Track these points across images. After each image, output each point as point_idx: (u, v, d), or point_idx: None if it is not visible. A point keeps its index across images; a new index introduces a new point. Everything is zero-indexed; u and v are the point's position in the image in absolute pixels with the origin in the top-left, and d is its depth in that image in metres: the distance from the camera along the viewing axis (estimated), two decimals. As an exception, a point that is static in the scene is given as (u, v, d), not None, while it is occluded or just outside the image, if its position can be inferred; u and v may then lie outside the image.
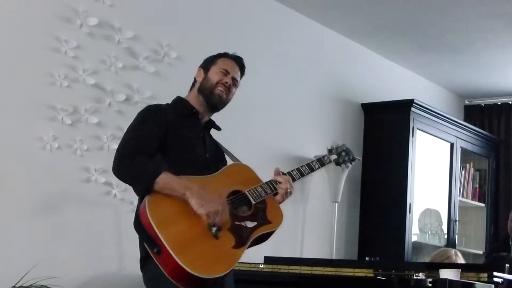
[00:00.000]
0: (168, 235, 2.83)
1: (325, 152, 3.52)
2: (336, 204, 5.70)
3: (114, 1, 4.33)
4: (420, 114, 6.27)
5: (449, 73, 7.05)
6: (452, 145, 6.78)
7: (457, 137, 6.82)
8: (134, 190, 3.15)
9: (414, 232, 6.26)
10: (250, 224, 3.08)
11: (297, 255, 5.54)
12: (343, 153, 3.57)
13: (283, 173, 3.28)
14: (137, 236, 3.10)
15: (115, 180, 4.25)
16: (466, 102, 7.89)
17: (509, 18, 5.55)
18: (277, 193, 3.23)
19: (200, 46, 4.85)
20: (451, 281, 3.58)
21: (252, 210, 3.12)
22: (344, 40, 6.20)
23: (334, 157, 3.54)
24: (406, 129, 6.17)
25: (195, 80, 3.36)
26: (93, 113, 4.21)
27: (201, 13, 4.93)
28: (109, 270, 4.26)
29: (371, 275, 3.80)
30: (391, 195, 6.15)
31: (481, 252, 7.15)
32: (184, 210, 2.93)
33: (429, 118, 6.39)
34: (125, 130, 4.35)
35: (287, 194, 3.25)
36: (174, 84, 4.63)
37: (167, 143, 3.12)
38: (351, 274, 3.93)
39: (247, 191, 3.15)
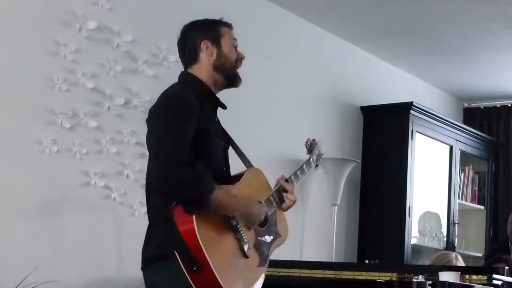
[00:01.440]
0: (214, 256, 2.63)
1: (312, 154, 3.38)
2: (336, 207, 5.70)
3: (113, 5, 4.33)
4: (419, 117, 6.27)
5: (448, 75, 7.06)
6: (451, 148, 6.78)
7: (456, 140, 6.82)
8: (184, 205, 2.70)
9: (413, 235, 6.26)
10: (268, 239, 2.93)
11: (296, 258, 5.54)
12: (317, 151, 3.41)
13: (286, 179, 3.09)
14: (136, 238, 3.07)
15: (114, 183, 4.27)
16: (465, 104, 7.89)
17: (508, 21, 5.55)
18: (283, 202, 3.04)
19: (199, 50, 4.86)
20: (450, 283, 3.58)
21: (268, 222, 2.94)
22: (343, 43, 6.20)
23: (315, 157, 3.38)
24: (405, 132, 6.17)
25: (198, 55, 2.97)
26: (92, 116, 4.21)
27: (200, 17, 4.92)
28: (108, 273, 4.26)
29: (371, 278, 3.80)
30: (390, 198, 6.15)
31: (480, 255, 7.15)
32: (222, 227, 2.74)
33: (428, 121, 6.39)
34: (124, 133, 4.39)
35: (291, 205, 3.07)
36: (173, 87, 4.65)
37: (196, 140, 2.76)
38: (351, 277, 3.93)
39: (264, 201, 2.92)
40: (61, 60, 4.08)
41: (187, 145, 2.68)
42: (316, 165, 3.39)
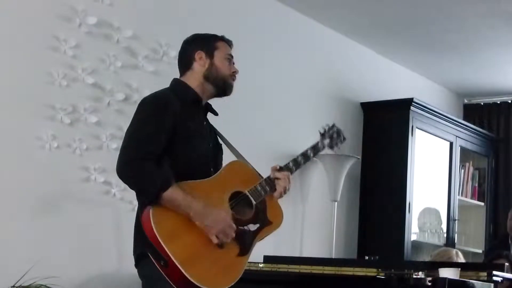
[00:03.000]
0: (175, 250, 2.77)
1: (318, 138, 3.40)
2: (336, 203, 5.70)
3: (113, 0, 4.33)
4: (419, 113, 6.27)
5: (448, 72, 7.05)
6: (451, 144, 6.78)
7: (456, 136, 6.82)
8: (136, 197, 3.05)
9: (413, 231, 6.27)
10: (252, 227, 3.01)
11: (296, 254, 5.54)
12: (335, 135, 3.44)
13: (280, 167, 3.18)
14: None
15: (114, 179, 4.26)
16: (465, 101, 7.89)
17: (509, 17, 5.54)
18: (275, 190, 3.13)
19: (199, 45, 4.85)
20: (450, 280, 3.58)
21: (254, 211, 3.03)
22: (343, 38, 6.20)
23: (327, 141, 3.42)
24: (405, 128, 6.17)
25: (192, 63, 3.16)
26: (92, 112, 4.21)
27: (200, 12, 4.93)
28: (108, 269, 4.26)
29: (371, 274, 3.80)
30: (390, 194, 6.15)
31: (480, 251, 7.15)
32: (187, 221, 2.85)
33: (428, 117, 6.39)
34: (124, 129, 4.34)
35: (285, 191, 3.15)
36: (173, 83, 4.64)
37: (173, 139, 2.97)
38: (351, 273, 3.92)
39: (248, 191, 3.05)
40: (61, 56, 4.08)
41: (153, 140, 2.91)
42: (331, 147, 3.43)
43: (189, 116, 3.05)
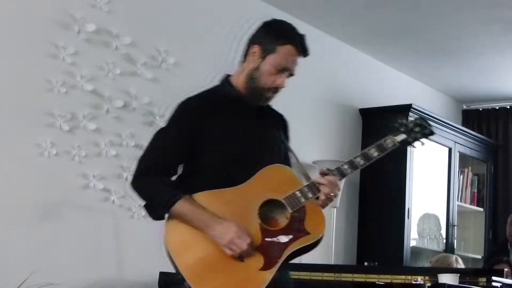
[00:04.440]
0: (186, 264, 2.60)
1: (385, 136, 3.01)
2: (335, 209, 5.70)
3: (111, 8, 4.33)
4: (418, 119, 6.27)
5: (447, 77, 7.06)
6: (450, 150, 6.78)
7: (455, 142, 6.82)
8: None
9: (412, 237, 6.26)
10: (284, 239, 2.68)
11: (295, 260, 5.51)
12: (417, 128, 2.99)
13: (329, 170, 2.79)
14: (135, 241, 3.09)
15: (113, 186, 4.27)
16: (464, 106, 7.89)
17: (507, 23, 5.55)
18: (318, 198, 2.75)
19: (198, 52, 4.86)
20: (449, 285, 3.58)
21: (288, 221, 2.69)
22: (342, 45, 6.20)
23: (402, 137, 2.99)
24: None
25: (246, 56, 2.85)
26: (91, 119, 4.21)
27: (199, 19, 4.93)
28: (107, 276, 4.25)
29: (370, 280, 3.80)
30: (389, 200, 6.15)
31: (480, 257, 7.15)
32: (203, 235, 2.63)
33: (427, 123, 6.38)
34: (123, 136, 4.39)
35: (329, 199, 2.76)
36: (172, 90, 4.64)
37: (200, 145, 2.73)
38: (350, 279, 3.93)
39: (284, 199, 2.69)
40: (60, 63, 4.08)
41: (166, 153, 2.73)
42: (409, 143, 3.03)
43: (226, 117, 2.77)
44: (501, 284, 3.78)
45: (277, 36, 2.83)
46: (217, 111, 2.77)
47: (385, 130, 2.99)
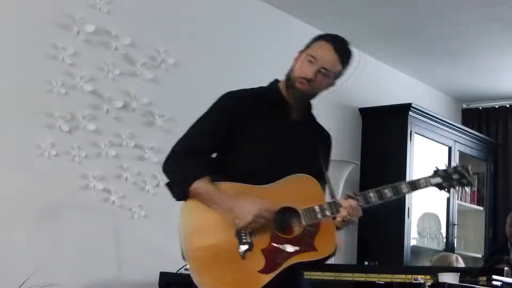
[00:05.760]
0: (192, 248, 2.62)
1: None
2: (335, 208, 5.69)
3: (111, 8, 4.33)
4: (418, 118, 6.28)
5: (446, 77, 7.06)
6: (450, 149, 6.78)
7: (455, 141, 6.83)
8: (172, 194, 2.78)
9: (413, 236, 6.27)
10: (290, 248, 2.66)
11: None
12: (456, 175, 3.01)
13: (355, 195, 2.77)
14: (135, 241, 3.09)
15: (113, 186, 4.27)
16: (464, 105, 7.89)
17: (506, 22, 5.55)
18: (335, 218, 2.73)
19: (197, 52, 4.86)
20: (450, 284, 3.58)
21: (300, 233, 2.67)
22: (341, 45, 6.19)
23: (437, 180, 3.01)
24: (404, 133, 6.17)
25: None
26: (90, 120, 4.21)
27: (198, 19, 4.93)
28: (108, 277, 4.25)
29: (371, 279, 3.80)
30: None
31: (480, 256, 7.15)
32: (218, 222, 2.64)
33: (427, 122, 6.39)
34: (122, 136, 4.40)
35: (345, 222, 2.73)
36: (172, 90, 4.65)
37: (230, 143, 2.75)
38: (350, 278, 3.93)
39: (302, 210, 2.67)
40: (59, 64, 4.08)
41: (201, 138, 2.72)
42: (442, 188, 3.02)
43: (266, 118, 2.79)
44: (501, 283, 3.78)
45: (313, 39, 2.91)
46: (259, 110, 2.80)
47: (385, 129, 2.98)
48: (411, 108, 6.16)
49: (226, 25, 5.14)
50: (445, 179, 2.99)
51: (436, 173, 2.98)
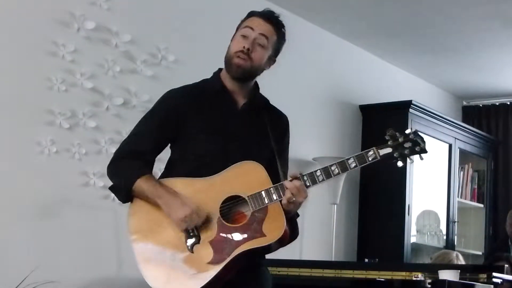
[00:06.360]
0: (143, 247, 2.66)
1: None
2: (335, 205, 5.70)
3: (111, 5, 4.33)
4: (418, 116, 6.27)
5: (447, 74, 7.06)
6: (450, 146, 6.78)
7: (455, 138, 6.83)
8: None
9: (413, 234, 6.27)
10: (237, 237, 2.61)
11: (296, 257, 5.53)
12: (408, 143, 2.89)
13: (301, 175, 2.69)
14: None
15: (113, 183, 4.26)
16: (464, 103, 7.89)
17: (506, 19, 5.55)
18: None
19: (197, 49, 4.86)
20: (450, 282, 3.58)
21: (248, 220, 2.63)
22: (342, 42, 6.20)
23: (386, 150, 2.87)
24: (404, 131, 6.16)
25: None
26: (91, 117, 4.21)
27: (198, 16, 4.93)
28: (108, 274, 4.26)
29: (371, 276, 3.80)
30: (389, 197, 6.15)
31: (480, 253, 7.15)
32: (163, 220, 2.66)
33: (427, 119, 6.39)
34: (123, 133, 4.39)
35: (292, 204, 2.67)
36: (172, 87, 4.64)
37: (176, 136, 2.78)
38: (351, 275, 3.93)
39: (248, 197, 2.65)
40: (59, 61, 4.08)
41: (140, 140, 2.78)
42: (393, 158, 2.88)
43: (207, 110, 2.79)
44: (501, 280, 3.78)
45: (246, 16, 2.98)
46: (200, 102, 2.81)
47: (385, 126, 2.96)
48: (412, 105, 6.16)
49: (226, 22, 5.13)
50: (396, 148, 2.84)
51: (386, 143, 2.82)
